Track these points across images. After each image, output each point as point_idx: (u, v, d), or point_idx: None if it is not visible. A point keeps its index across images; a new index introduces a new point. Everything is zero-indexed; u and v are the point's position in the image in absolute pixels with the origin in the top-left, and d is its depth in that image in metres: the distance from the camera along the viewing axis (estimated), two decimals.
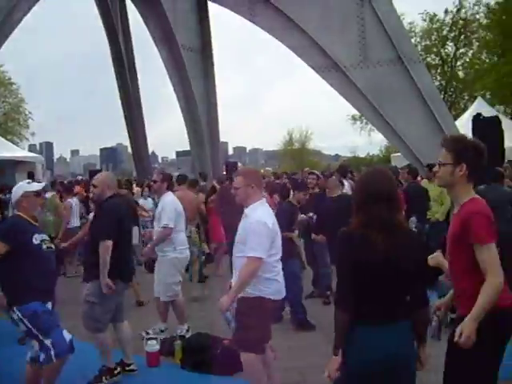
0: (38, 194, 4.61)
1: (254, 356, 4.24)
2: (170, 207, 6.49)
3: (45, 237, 4.58)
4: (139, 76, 21.80)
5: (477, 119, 11.38)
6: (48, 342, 4.23)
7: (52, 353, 4.22)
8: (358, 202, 2.95)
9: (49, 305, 4.41)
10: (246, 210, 4.34)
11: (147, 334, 6.20)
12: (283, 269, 4.95)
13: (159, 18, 15.67)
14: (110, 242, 4.96)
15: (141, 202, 12.52)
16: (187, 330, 6.35)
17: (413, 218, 7.91)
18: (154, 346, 5.62)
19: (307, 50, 11.70)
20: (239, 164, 18.05)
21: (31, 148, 74.84)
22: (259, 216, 4.25)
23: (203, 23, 17.08)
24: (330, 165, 46.78)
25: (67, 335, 4.39)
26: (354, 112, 34.99)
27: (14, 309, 4.25)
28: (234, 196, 4.54)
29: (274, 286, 4.31)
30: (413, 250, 2.80)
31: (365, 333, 2.79)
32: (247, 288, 4.19)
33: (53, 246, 4.74)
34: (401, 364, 2.78)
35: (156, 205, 8.89)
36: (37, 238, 4.39)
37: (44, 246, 4.45)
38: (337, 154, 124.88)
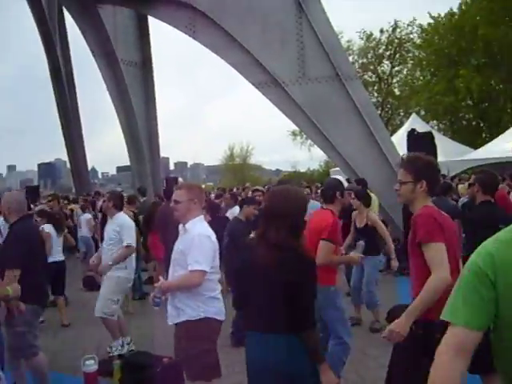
0: None
1: None
2: (130, 226, 6.46)
3: None
4: (78, 89, 21.34)
5: (411, 134, 11.79)
6: None
7: None
8: (261, 216, 3.17)
9: None
10: (186, 225, 4.19)
11: (110, 348, 6.02)
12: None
13: (98, 32, 15.46)
14: (17, 271, 4.48)
15: (82, 217, 12.24)
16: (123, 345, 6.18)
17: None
18: (91, 365, 5.40)
19: (247, 66, 11.79)
20: (180, 179, 17.91)
21: None
22: (201, 230, 4.15)
23: (143, 38, 17.01)
24: (271, 179, 47.22)
25: None
26: (295, 127, 35.53)
27: None
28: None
29: (217, 305, 4.18)
30: (293, 271, 2.77)
31: (248, 340, 2.95)
32: (190, 311, 4.05)
33: None
34: (275, 377, 2.77)
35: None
36: None
37: None
38: (278, 169, 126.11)
